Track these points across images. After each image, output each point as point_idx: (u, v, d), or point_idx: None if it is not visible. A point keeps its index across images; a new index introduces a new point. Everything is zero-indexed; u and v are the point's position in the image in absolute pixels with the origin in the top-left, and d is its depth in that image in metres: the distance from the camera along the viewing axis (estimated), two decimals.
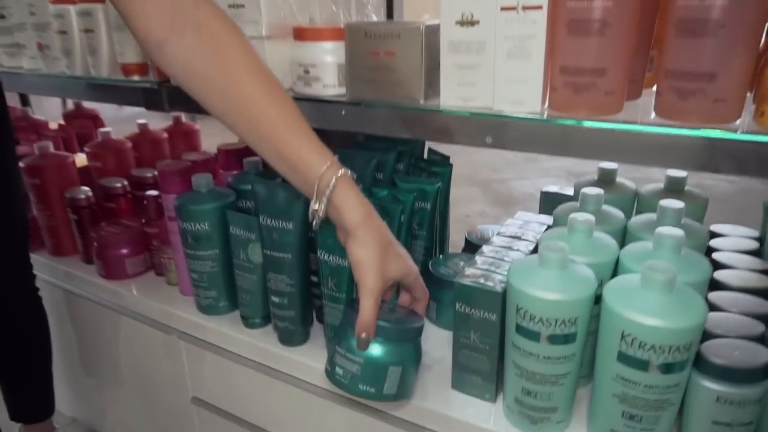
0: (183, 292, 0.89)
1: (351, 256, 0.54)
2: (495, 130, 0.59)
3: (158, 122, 1.25)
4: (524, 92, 0.57)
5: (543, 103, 0.58)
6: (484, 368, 0.63)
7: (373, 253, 0.53)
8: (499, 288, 0.59)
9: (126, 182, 1.02)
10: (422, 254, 0.84)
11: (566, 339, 0.54)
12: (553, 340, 0.54)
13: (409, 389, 0.59)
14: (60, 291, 1.05)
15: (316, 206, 0.53)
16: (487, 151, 0.85)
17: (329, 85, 0.68)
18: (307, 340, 0.76)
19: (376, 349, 0.55)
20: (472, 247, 0.88)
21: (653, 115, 0.54)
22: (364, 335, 0.53)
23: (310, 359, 0.73)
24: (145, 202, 0.91)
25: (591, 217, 0.61)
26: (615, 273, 0.60)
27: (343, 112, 0.68)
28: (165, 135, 1.16)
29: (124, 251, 0.94)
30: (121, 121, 1.56)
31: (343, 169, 0.53)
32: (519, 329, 0.55)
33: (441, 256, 0.84)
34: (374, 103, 0.65)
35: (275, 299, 0.72)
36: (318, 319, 0.80)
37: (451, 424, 0.64)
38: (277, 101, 0.53)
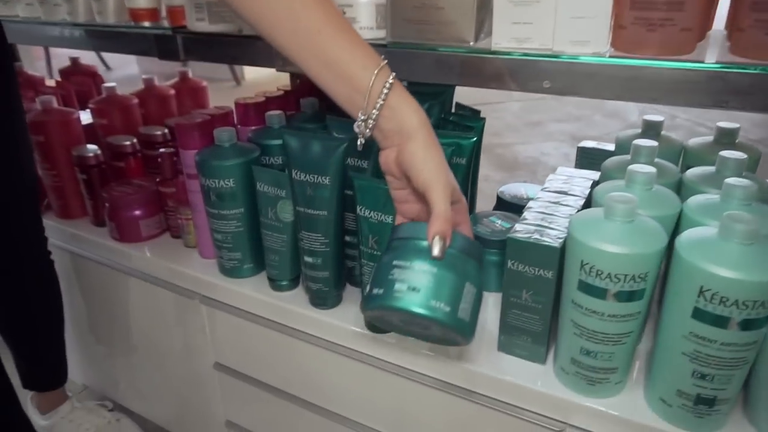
0: (203, 254, 0.85)
1: (415, 157, 0.47)
2: (554, 74, 0.54)
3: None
4: (589, 30, 0.53)
5: (608, 42, 0.53)
6: (535, 328, 0.60)
7: (440, 153, 0.48)
8: (556, 243, 0.55)
9: (135, 140, 0.96)
10: None
11: (634, 296, 0.50)
12: (621, 297, 0.50)
13: (475, 326, 0.46)
14: (68, 255, 1.00)
15: (374, 111, 0.46)
16: (489, 116, 0.81)
17: (366, 27, 0.63)
18: (340, 302, 0.73)
19: (449, 259, 0.44)
20: (504, 205, 0.84)
21: (726, 54, 0.50)
22: (440, 240, 0.44)
23: (344, 321, 0.70)
24: (159, 159, 0.86)
25: (652, 169, 0.57)
26: (677, 227, 0.57)
27: (383, 57, 0.62)
28: (172, 91, 1.09)
29: (138, 212, 0.89)
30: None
31: (392, 74, 0.48)
32: (582, 286, 0.52)
33: (475, 215, 0.80)
34: (418, 45, 0.60)
35: (308, 259, 0.69)
36: (349, 282, 0.76)
37: (500, 387, 0.61)
38: (322, 4, 0.47)
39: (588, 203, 0.65)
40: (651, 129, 0.76)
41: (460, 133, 0.76)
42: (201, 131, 0.77)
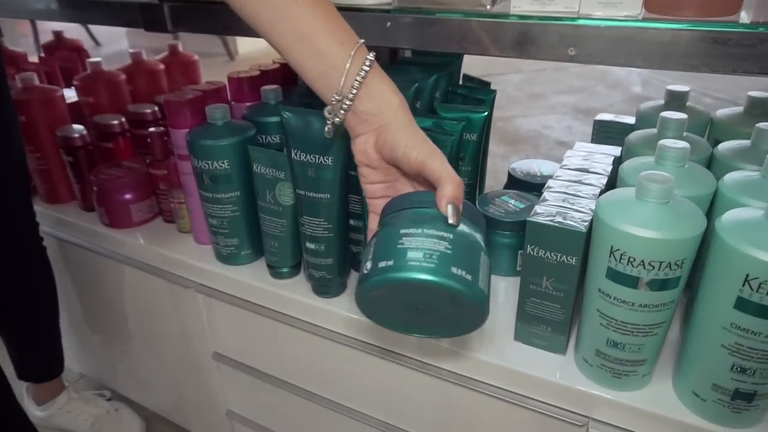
0: (198, 240, 0.80)
1: (401, 136, 0.43)
2: (580, 40, 0.49)
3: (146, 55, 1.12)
4: None
5: (641, 4, 0.48)
6: (556, 317, 0.56)
7: (423, 133, 0.44)
8: (582, 227, 0.51)
9: (123, 119, 0.91)
10: (466, 193, 0.75)
11: (668, 284, 0.46)
12: (654, 285, 0.46)
13: (488, 301, 0.41)
14: (56, 241, 0.95)
15: (352, 91, 0.42)
16: None
17: None
18: (344, 291, 0.69)
19: (466, 226, 0.41)
20: (516, 183, 0.79)
21: None
22: (455, 205, 0.41)
23: (349, 311, 0.66)
24: (149, 139, 0.81)
25: (685, 145, 0.52)
26: (711, 207, 0.53)
27: (388, 24, 0.57)
28: (162, 66, 1.03)
29: (129, 196, 0.85)
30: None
31: (371, 53, 0.44)
32: (611, 274, 0.48)
33: (486, 194, 0.75)
34: (429, 10, 0.55)
35: (310, 246, 0.64)
36: (353, 268, 0.72)
37: (516, 379, 0.58)
38: None
39: (611, 182, 0.61)
40: (675, 100, 0.71)
41: (470, 107, 0.71)
42: (192, 109, 0.71)
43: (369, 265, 0.40)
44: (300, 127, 0.58)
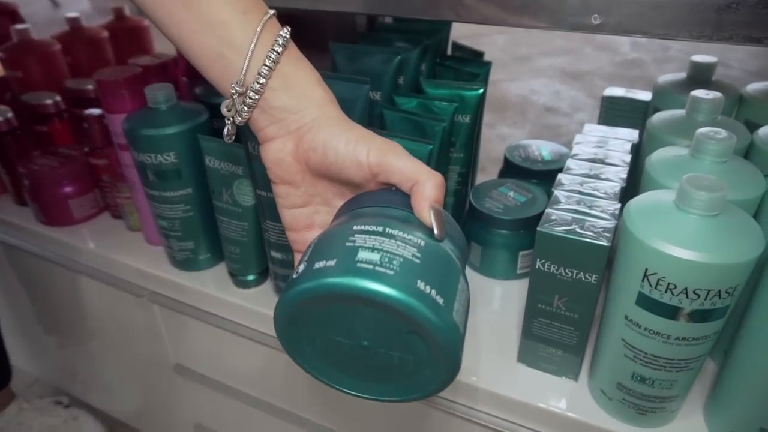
0: (150, 241, 0.70)
1: (340, 135, 0.32)
2: (607, 6, 0.39)
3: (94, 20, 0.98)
4: None
5: None
6: (568, 341, 0.47)
7: (364, 128, 0.33)
8: (605, 240, 0.41)
9: (59, 98, 0.78)
10: (457, 182, 0.66)
11: (713, 315, 0.37)
12: (696, 316, 0.37)
13: (462, 346, 0.29)
14: None
15: (258, 80, 0.31)
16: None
17: None
18: None
19: (441, 243, 0.30)
20: (514, 169, 0.70)
21: None
22: (438, 212, 0.30)
23: None
24: (85, 124, 0.69)
25: (730, 135, 0.43)
26: (758, 212, 0.44)
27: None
28: (105, 33, 0.89)
29: (67, 189, 0.73)
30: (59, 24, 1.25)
31: (285, 28, 0.32)
32: (643, 300, 0.39)
33: (481, 185, 0.66)
34: None
35: (277, 255, 0.54)
36: None
37: (519, 409, 0.49)
38: None
39: (632, 173, 0.51)
40: (701, 73, 0.61)
41: (462, 84, 0.61)
42: (130, 89, 0.59)
43: (300, 268, 0.28)
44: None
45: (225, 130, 0.35)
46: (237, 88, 0.32)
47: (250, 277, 0.61)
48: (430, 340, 0.27)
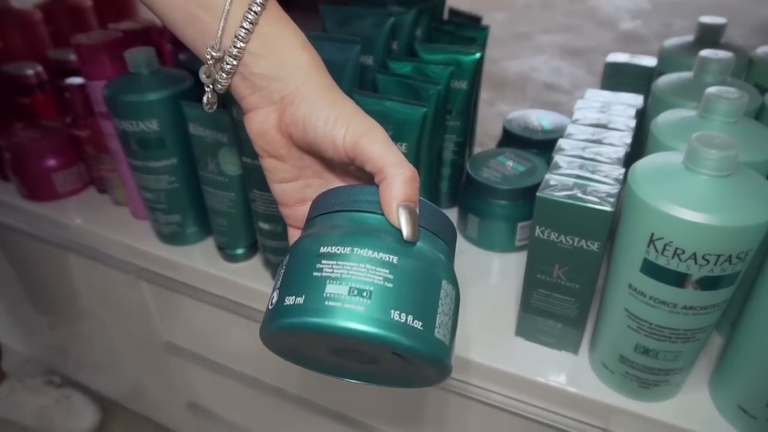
0: (136, 214, 0.67)
1: (321, 107, 0.29)
2: None
3: None
4: None
5: None
6: (569, 313, 0.45)
7: (353, 102, 0.30)
8: (608, 205, 0.39)
9: (41, 68, 0.75)
10: (454, 152, 0.63)
11: (722, 282, 0.35)
12: (705, 284, 0.35)
13: (453, 349, 0.28)
14: None
15: (235, 44, 0.28)
16: None
17: None
18: None
19: (423, 242, 0.28)
20: (513, 139, 0.67)
21: None
22: (410, 212, 0.27)
23: None
24: (66, 93, 0.66)
25: (743, 94, 0.40)
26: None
27: None
28: (88, 2, 0.86)
29: (51, 163, 0.70)
30: None
31: None
32: (648, 267, 0.36)
33: (479, 154, 0.63)
34: None
35: (265, 226, 0.52)
36: None
37: (518, 384, 0.48)
38: None
39: (637, 140, 0.49)
40: (709, 35, 0.58)
41: (459, 48, 0.58)
42: (111, 54, 0.57)
43: (274, 297, 0.27)
44: None
45: (204, 98, 0.32)
46: (213, 53, 0.29)
47: (239, 251, 0.59)
48: (415, 360, 0.26)
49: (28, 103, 0.75)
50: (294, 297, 0.26)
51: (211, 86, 0.31)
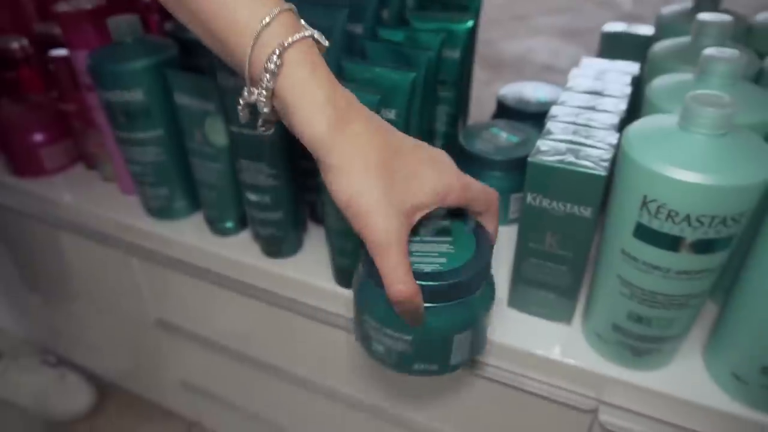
0: (124, 190, 0.66)
1: (331, 195, 0.31)
2: None
3: None
4: None
5: None
6: (562, 282, 0.44)
7: (365, 181, 0.30)
8: (601, 169, 0.38)
9: (26, 41, 0.73)
10: (447, 124, 0.62)
11: (717, 245, 0.35)
12: (699, 247, 0.34)
13: (483, 343, 0.40)
14: None
15: (252, 96, 0.30)
16: None
17: None
18: (300, 248, 0.56)
19: (430, 320, 0.34)
20: (507, 111, 0.66)
21: None
22: (408, 310, 0.33)
23: (304, 273, 0.54)
24: (50, 65, 0.64)
25: (739, 54, 0.39)
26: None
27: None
28: None
29: (38, 138, 0.69)
30: None
31: (302, 33, 0.30)
32: (642, 231, 0.36)
33: (471, 125, 0.62)
34: None
35: (252, 197, 0.51)
36: (312, 219, 0.60)
37: (511, 355, 0.47)
38: None
39: (632, 107, 0.48)
40: (707, 2, 0.57)
41: (451, 15, 0.56)
42: (94, 22, 0.55)
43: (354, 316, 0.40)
44: None
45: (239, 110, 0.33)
46: (247, 97, 0.31)
47: (229, 224, 0.58)
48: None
49: (14, 77, 0.73)
50: (355, 327, 0.40)
51: (253, 116, 0.33)
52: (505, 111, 0.66)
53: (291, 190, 0.51)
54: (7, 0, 0.77)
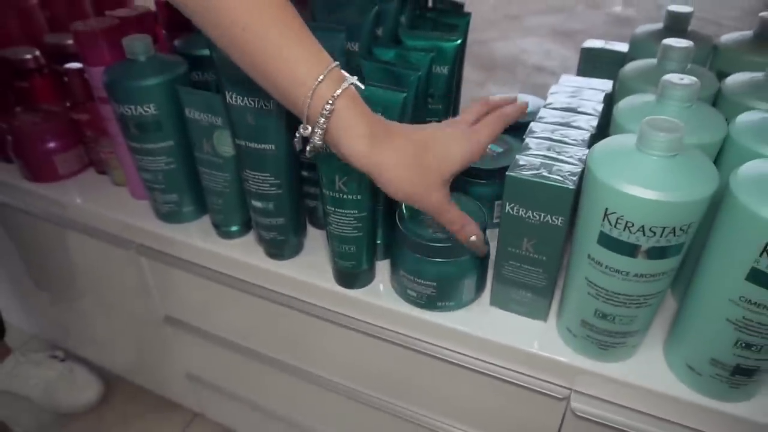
0: (134, 194, 0.71)
1: (392, 197, 0.42)
2: None
3: None
4: None
5: None
6: (537, 283, 0.49)
7: (410, 178, 0.41)
8: (570, 183, 0.43)
9: (38, 53, 0.77)
10: None
11: (669, 252, 0.39)
12: (654, 254, 0.39)
13: (484, 286, 0.55)
14: None
15: (308, 132, 0.39)
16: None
17: None
18: (301, 251, 0.61)
19: (448, 269, 0.50)
20: None
21: None
22: (474, 243, 0.47)
23: (305, 274, 0.58)
24: (65, 77, 0.69)
25: (695, 81, 0.44)
26: (719, 156, 0.45)
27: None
28: None
29: (51, 145, 0.73)
30: None
31: (347, 83, 0.38)
32: (604, 240, 0.40)
33: None
34: None
35: (257, 204, 0.55)
36: (312, 223, 0.64)
37: (491, 348, 0.52)
38: None
39: (602, 123, 0.52)
40: (677, 23, 0.61)
41: (440, 34, 0.61)
42: (109, 40, 0.59)
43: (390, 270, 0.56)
44: (233, 65, 0.47)
45: (306, 151, 0.40)
46: (305, 132, 0.39)
47: (234, 228, 0.62)
48: None
49: (27, 87, 0.77)
50: (392, 281, 0.57)
51: (307, 146, 0.40)
52: None
53: (293, 197, 0.56)
54: (19, 12, 0.81)
